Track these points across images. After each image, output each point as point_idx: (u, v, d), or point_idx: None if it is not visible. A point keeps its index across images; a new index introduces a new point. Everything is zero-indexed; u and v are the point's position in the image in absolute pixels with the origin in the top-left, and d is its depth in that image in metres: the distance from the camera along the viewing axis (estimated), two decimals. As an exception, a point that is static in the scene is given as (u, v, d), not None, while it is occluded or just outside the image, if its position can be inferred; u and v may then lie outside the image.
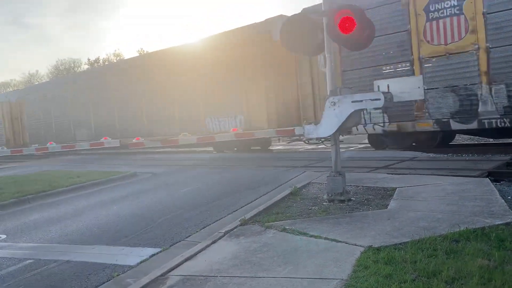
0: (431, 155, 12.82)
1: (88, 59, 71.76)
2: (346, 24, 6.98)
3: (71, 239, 6.96)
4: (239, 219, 6.66)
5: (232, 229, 6.30)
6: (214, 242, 5.84)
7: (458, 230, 5.30)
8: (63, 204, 10.03)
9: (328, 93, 7.34)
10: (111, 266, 5.48)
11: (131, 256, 5.82)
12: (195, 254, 5.44)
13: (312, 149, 18.07)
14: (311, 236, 5.68)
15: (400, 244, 5.06)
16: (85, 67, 68.61)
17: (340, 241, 5.37)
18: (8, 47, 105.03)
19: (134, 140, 17.82)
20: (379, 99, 6.96)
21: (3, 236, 7.46)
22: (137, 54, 56.95)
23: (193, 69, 18.73)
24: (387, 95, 7.17)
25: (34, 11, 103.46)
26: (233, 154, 18.64)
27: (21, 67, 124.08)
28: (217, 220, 7.29)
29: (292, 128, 11.05)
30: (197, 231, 6.74)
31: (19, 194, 10.95)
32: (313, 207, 7.29)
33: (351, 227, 5.97)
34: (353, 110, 7.06)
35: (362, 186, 8.56)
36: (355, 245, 5.19)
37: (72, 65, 71.91)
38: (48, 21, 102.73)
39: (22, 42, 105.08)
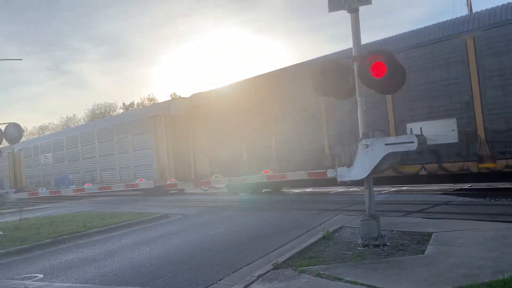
0: (467, 199, 12.46)
1: (123, 103, 74.51)
2: (377, 68, 7.11)
3: (106, 280, 7.03)
4: (272, 263, 6.59)
5: (265, 273, 6.23)
6: (247, 286, 5.79)
7: (502, 278, 5.08)
8: (97, 245, 10.19)
9: (360, 136, 7.37)
10: (145, 308, 5.49)
11: (164, 298, 5.82)
12: (229, 297, 5.39)
13: (343, 192, 17.85)
14: (347, 281, 5.56)
15: (440, 291, 4.88)
16: (120, 111, 71.10)
17: (376, 287, 5.22)
18: (48, 91, 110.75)
19: (168, 182, 18.15)
20: (413, 142, 6.93)
21: (40, 276, 7.61)
22: (170, 98, 58.86)
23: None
24: (420, 137, 7.13)
25: (73, 58, 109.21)
26: (261, 196, 18.61)
27: (59, 110, 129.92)
28: (249, 264, 7.23)
29: (324, 170, 11.01)
30: (229, 274, 6.69)
31: (55, 235, 11.22)
32: (347, 252, 7.15)
33: (387, 272, 5.81)
34: (386, 153, 7.04)
35: (397, 231, 8.36)
36: (393, 291, 5.04)
37: (108, 109, 74.65)
38: (86, 67, 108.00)
39: (61, 87, 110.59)
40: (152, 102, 68.35)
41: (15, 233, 11.98)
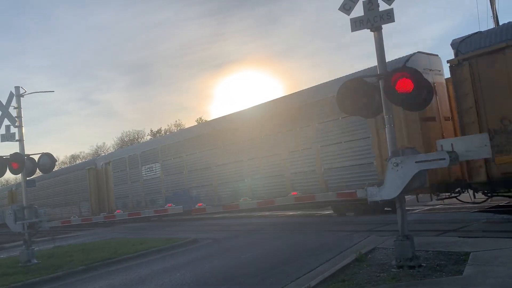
0: (505, 216, 11.97)
1: (151, 130, 75.94)
2: (403, 85, 7.02)
3: (137, 306, 7.03)
4: (304, 287, 6.46)
5: (297, 297, 6.10)
6: (279, 310, 5.67)
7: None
8: (128, 271, 10.24)
9: (389, 154, 7.24)
10: (177, 335, 5.44)
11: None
12: (261, 323, 5.29)
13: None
14: (382, 305, 5.38)
15: (483, 314, 4.65)
16: (148, 137, 72.43)
17: (414, 311, 5.03)
18: (78, 121, 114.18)
19: (196, 206, 18.19)
20: (444, 159, 6.75)
21: (74, 303, 7.69)
22: (196, 123, 59.69)
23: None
24: (452, 154, 6.94)
25: (101, 88, 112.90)
26: (292, 219, 18.41)
27: (89, 139, 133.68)
28: (281, 288, 7.11)
29: (353, 191, 10.85)
30: (261, 299, 6.59)
31: (88, 262, 11.36)
32: (381, 274, 6.93)
33: (425, 295, 5.59)
34: (417, 171, 6.87)
35: (433, 251, 8.06)
36: (432, 315, 4.83)
37: (136, 136, 76.18)
38: (113, 96, 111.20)
39: (90, 117, 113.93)
40: (178, 128, 69.40)
41: (49, 261, 12.20)
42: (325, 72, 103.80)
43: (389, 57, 7.68)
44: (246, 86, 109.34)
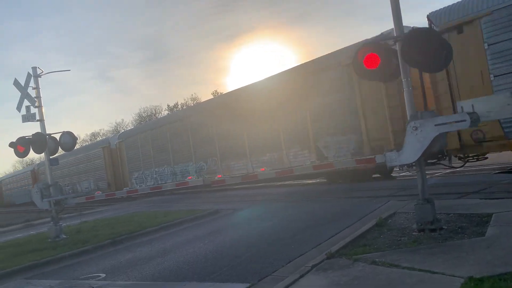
0: (529, 176, 11.79)
1: (168, 105, 76.28)
2: (420, 46, 6.85)
3: (164, 276, 7.24)
4: (325, 253, 6.54)
5: (319, 263, 6.19)
6: (301, 276, 5.78)
7: None
8: (153, 243, 10.52)
9: (408, 118, 7.13)
10: (203, 302, 5.61)
11: (221, 292, 5.93)
12: (284, 289, 5.41)
13: (394, 177, 17.41)
14: (404, 267, 5.42)
15: (506, 274, 4.65)
16: (165, 112, 72.84)
17: (436, 272, 5.06)
18: (96, 99, 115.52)
19: (216, 178, 18.37)
20: (465, 121, 6.62)
21: (103, 275, 7.97)
22: (212, 97, 59.62)
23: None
24: (473, 115, 6.80)
25: (115, 65, 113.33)
26: (311, 187, 18.51)
27: (108, 117, 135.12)
28: (301, 254, 7.20)
29: (372, 156, 10.76)
30: (283, 266, 6.71)
31: (113, 235, 11.69)
32: (402, 238, 6.96)
33: (446, 257, 5.61)
34: (437, 134, 6.77)
35: (454, 213, 8.04)
36: (453, 276, 4.86)
37: (154, 111, 76.70)
38: (128, 73, 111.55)
39: (107, 94, 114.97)
40: (195, 102, 69.45)
41: (76, 236, 12.61)
42: (339, 38, 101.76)
43: (406, 21, 7.44)
44: (260, 57, 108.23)
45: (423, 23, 13.96)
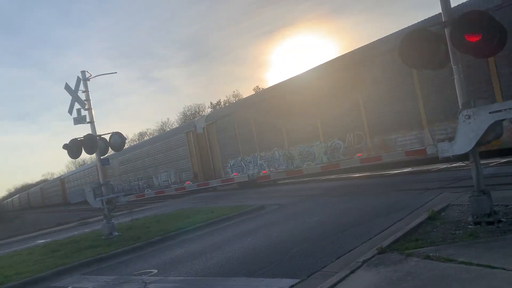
0: None
1: (211, 103, 77.38)
2: (472, 31, 6.49)
3: (213, 271, 7.34)
4: (376, 248, 6.37)
5: (369, 258, 6.05)
6: (352, 272, 5.66)
7: None
8: (202, 239, 10.69)
9: (460, 106, 6.81)
10: (253, 297, 5.62)
11: (271, 287, 5.92)
12: (334, 284, 5.32)
13: (446, 168, 16.75)
14: (460, 262, 5.18)
15: None
16: (208, 110, 73.87)
17: (496, 267, 4.80)
18: (142, 99, 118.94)
19: (261, 174, 18.42)
20: (522, 107, 6.22)
21: (155, 271, 8.18)
22: (253, 92, 59.71)
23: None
24: (531, 101, 6.38)
25: (159, 65, 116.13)
26: (358, 181, 18.14)
27: (154, 116, 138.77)
28: (351, 250, 7.07)
29: (423, 147, 10.34)
30: (333, 261, 6.61)
31: (163, 232, 12.00)
32: (456, 231, 6.67)
33: (506, 251, 5.31)
34: (492, 122, 6.41)
35: (513, 205, 7.62)
36: (516, 271, 4.59)
37: (197, 109, 78.02)
38: (172, 72, 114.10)
39: (152, 94, 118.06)
40: (237, 98, 69.95)
41: (128, 233, 13.05)
42: (380, 28, 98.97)
43: (453, 3, 7.07)
44: (299, 50, 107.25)
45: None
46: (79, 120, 13.40)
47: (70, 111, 13.45)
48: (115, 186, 31.91)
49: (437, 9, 7.19)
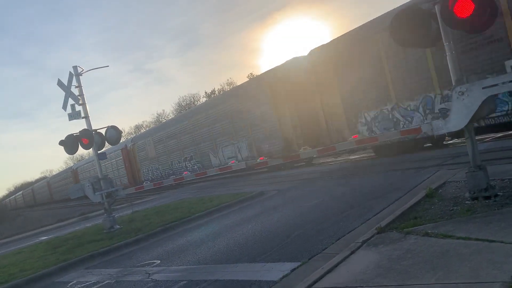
0: None
1: (205, 92, 77.05)
2: (462, 6, 6.47)
3: (216, 259, 7.41)
4: (375, 227, 6.44)
5: (369, 238, 6.11)
6: (352, 252, 5.73)
7: None
8: (202, 228, 10.76)
9: (453, 83, 6.82)
10: (256, 282, 5.69)
11: (273, 271, 5.98)
12: (336, 265, 5.38)
13: (446, 145, 16.83)
14: (459, 238, 5.25)
15: None
16: (203, 99, 73.63)
17: (494, 241, 4.86)
18: (136, 92, 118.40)
19: (258, 160, 18.46)
20: (515, 80, 6.23)
21: (158, 261, 8.25)
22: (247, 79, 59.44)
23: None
24: (524, 74, 6.40)
25: (151, 57, 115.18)
26: (354, 163, 18.22)
27: (149, 108, 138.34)
28: (350, 231, 7.15)
29: (418, 126, 10.38)
30: (333, 243, 6.69)
31: (164, 223, 12.06)
32: (454, 208, 6.74)
33: (504, 224, 5.38)
34: (485, 97, 6.43)
35: (509, 179, 7.68)
36: (513, 244, 4.65)
37: (192, 99, 77.74)
38: (165, 63, 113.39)
39: (146, 86, 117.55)
40: (231, 86, 69.66)
41: (129, 225, 13.11)
42: (371, 8, 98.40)
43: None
44: (292, 35, 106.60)
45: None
46: (74, 115, 13.35)
47: (64, 107, 13.39)
48: (151, 172, 30.00)
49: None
